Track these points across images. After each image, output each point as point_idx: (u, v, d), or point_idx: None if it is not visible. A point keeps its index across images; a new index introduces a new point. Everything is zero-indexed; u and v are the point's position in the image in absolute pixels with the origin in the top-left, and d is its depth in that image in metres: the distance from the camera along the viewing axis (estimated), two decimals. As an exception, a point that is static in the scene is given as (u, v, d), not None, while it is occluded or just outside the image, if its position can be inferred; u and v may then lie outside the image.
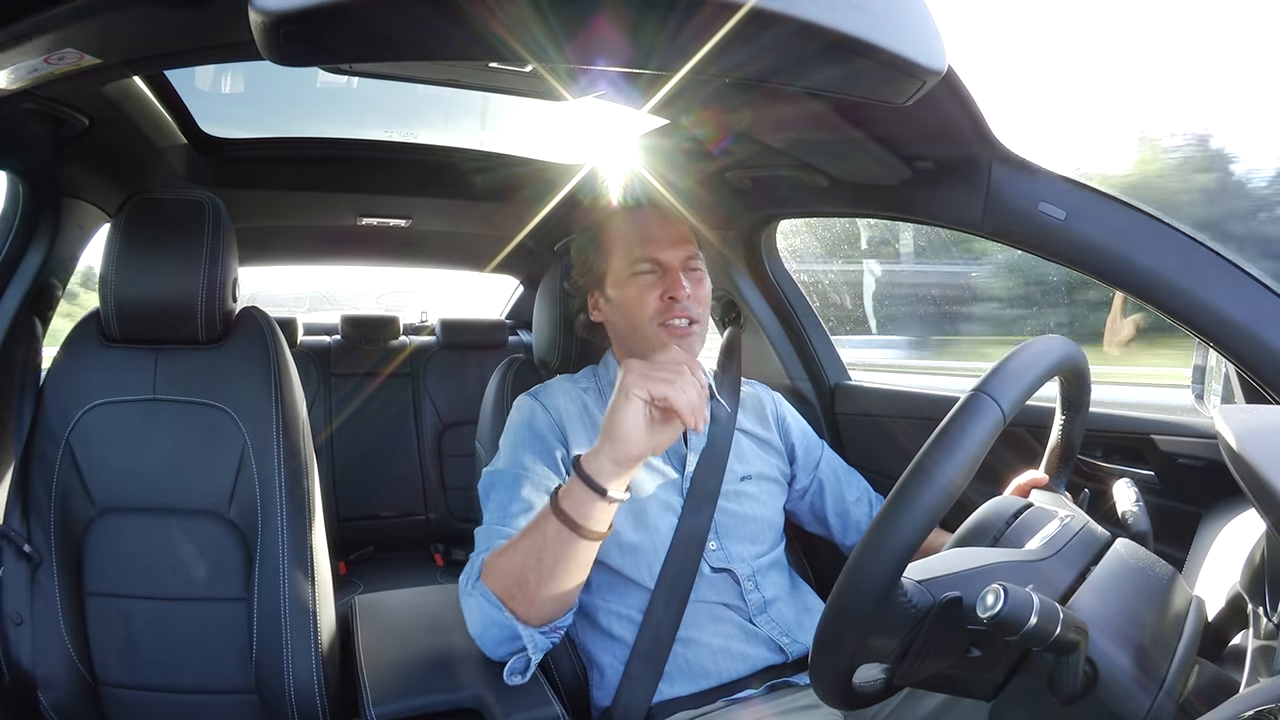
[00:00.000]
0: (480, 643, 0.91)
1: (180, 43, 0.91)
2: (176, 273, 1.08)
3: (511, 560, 0.86)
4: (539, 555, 0.83)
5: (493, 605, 0.86)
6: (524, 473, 0.98)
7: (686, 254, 1.06)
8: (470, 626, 0.91)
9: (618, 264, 1.07)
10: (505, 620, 0.86)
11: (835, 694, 0.61)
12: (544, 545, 0.82)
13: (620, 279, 1.06)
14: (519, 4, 0.53)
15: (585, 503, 0.81)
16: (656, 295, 1.03)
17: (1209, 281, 0.83)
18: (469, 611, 0.90)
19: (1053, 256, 0.93)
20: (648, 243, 1.05)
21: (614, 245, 1.08)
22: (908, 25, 0.61)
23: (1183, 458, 0.98)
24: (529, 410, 1.05)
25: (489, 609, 0.87)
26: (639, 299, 1.04)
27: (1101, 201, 0.88)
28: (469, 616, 0.90)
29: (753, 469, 1.12)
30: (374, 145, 1.70)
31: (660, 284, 1.03)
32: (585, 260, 1.11)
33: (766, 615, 1.03)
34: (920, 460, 0.57)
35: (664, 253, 1.05)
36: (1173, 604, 0.63)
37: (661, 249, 1.05)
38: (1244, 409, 0.81)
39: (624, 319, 1.06)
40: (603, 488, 0.80)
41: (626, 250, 1.06)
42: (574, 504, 0.81)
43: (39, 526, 1.05)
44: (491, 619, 0.87)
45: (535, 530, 0.84)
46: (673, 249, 1.05)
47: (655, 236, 1.06)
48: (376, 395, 2.45)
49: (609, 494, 0.80)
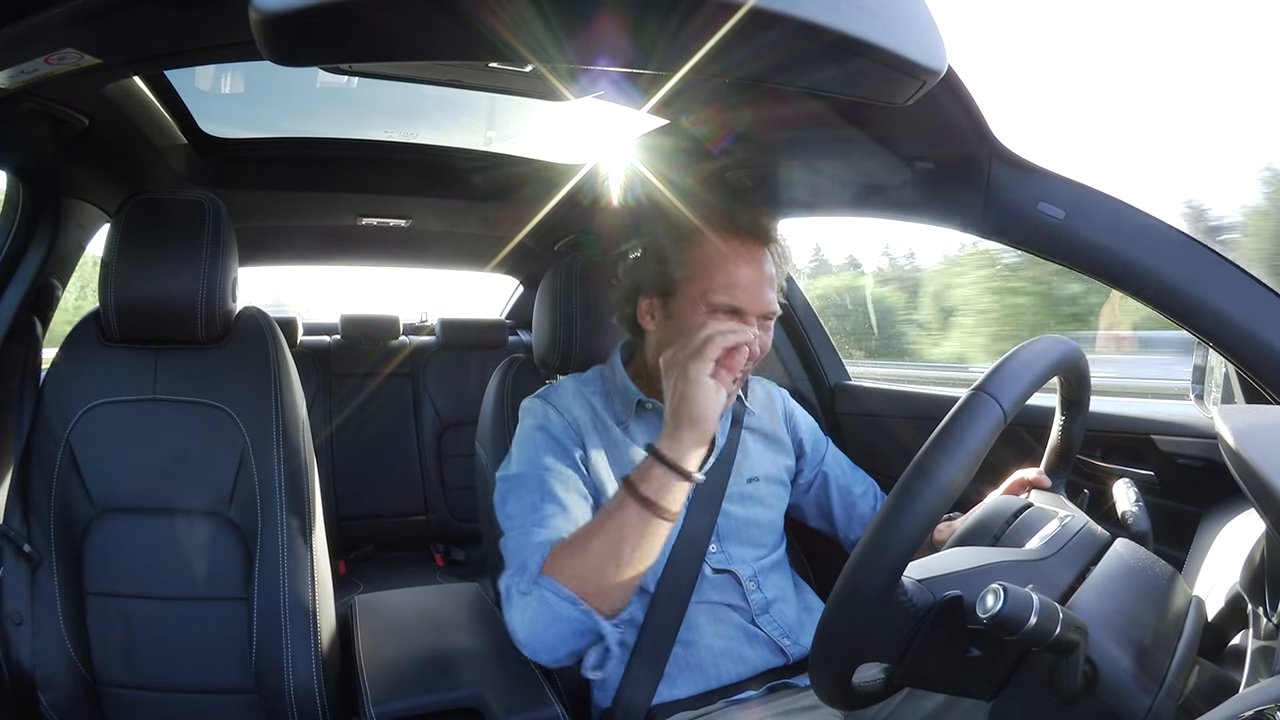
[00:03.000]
0: (535, 645, 0.86)
1: (180, 43, 0.91)
2: (176, 272, 1.08)
3: (587, 553, 0.85)
4: (619, 544, 0.84)
5: (565, 601, 0.84)
6: (547, 473, 0.96)
7: (770, 309, 0.97)
8: (520, 629, 0.86)
9: (695, 289, 0.96)
10: (578, 616, 0.84)
11: (835, 694, 0.61)
12: (624, 533, 0.84)
13: (691, 304, 0.96)
14: (519, 4, 0.53)
15: (668, 486, 0.85)
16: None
17: (1209, 281, 0.83)
18: (525, 613, 0.86)
19: (1052, 256, 0.93)
20: (736, 284, 0.94)
21: (699, 266, 0.96)
22: (908, 25, 0.61)
23: (1182, 458, 0.98)
24: (543, 413, 1.03)
25: (559, 606, 0.84)
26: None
27: (1101, 201, 0.88)
28: (524, 618, 0.86)
29: (760, 470, 1.11)
30: (374, 145, 1.70)
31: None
32: (659, 260, 1.00)
33: (768, 616, 1.03)
34: (921, 459, 0.57)
35: (751, 304, 0.95)
36: (1173, 604, 0.63)
37: (748, 298, 0.95)
38: (1244, 409, 0.81)
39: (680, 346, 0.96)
40: (688, 471, 0.85)
41: (709, 279, 0.95)
42: (656, 489, 0.84)
43: (39, 526, 1.05)
44: (561, 616, 0.84)
45: (610, 520, 0.86)
46: (760, 301, 0.95)
47: (748, 284, 0.95)
48: (376, 395, 2.45)
49: (693, 475, 0.85)
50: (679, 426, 0.85)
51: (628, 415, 1.05)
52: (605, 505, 0.88)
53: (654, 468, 0.85)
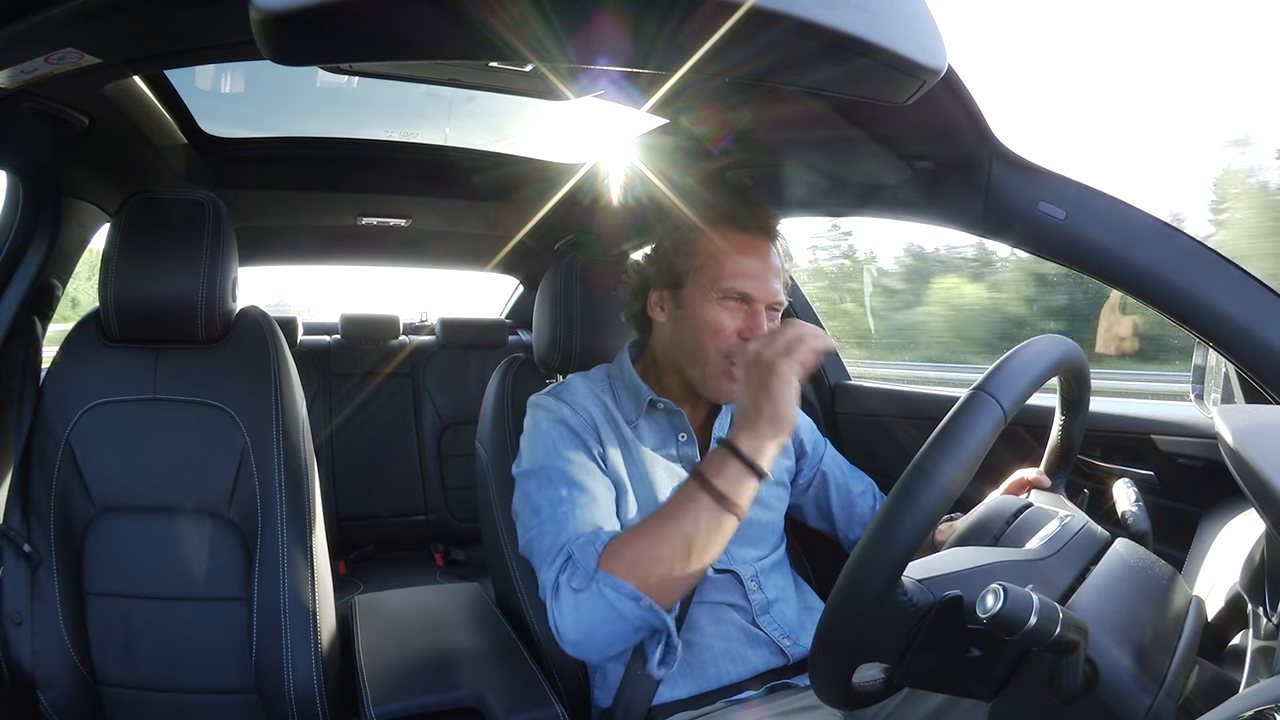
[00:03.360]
0: (586, 644, 0.86)
1: (180, 43, 0.91)
2: (176, 272, 1.08)
3: (653, 547, 0.84)
4: (688, 538, 0.84)
5: (627, 598, 0.83)
6: (570, 465, 0.96)
7: (777, 298, 1.00)
8: (576, 629, 0.85)
9: (704, 279, 0.99)
10: (640, 612, 0.83)
11: (835, 694, 0.61)
12: (695, 527, 0.84)
13: (701, 295, 0.99)
14: (519, 3, 0.53)
15: (742, 483, 0.84)
16: (734, 330, 0.98)
17: (1209, 281, 0.83)
18: (579, 610, 0.85)
19: (1052, 256, 0.93)
20: (745, 274, 0.98)
21: (707, 256, 0.99)
22: (908, 24, 0.61)
23: (1182, 458, 0.98)
24: (557, 409, 1.02)
25: (620, 602, 0.83)
26: (714, 325, 0.98)
27: (1101, 201, 0.88)
28: (577, 615, 0.85)
29: None
30: (374, 145, 1.70)
31: (742, 319, 0.98)
32: (667, 254, 1.03)
33: (769, 616, 1.03)
34: (921, 459, 0.57)
35: (759, 291, 0.98)
36: (1173, 604, 0.63)
37: (758, 287, 0.98)
38: (1244, 409, 0.81)
39: (689, 336, 1.00)
40: (763, 469, 0.85)
41: (718, 269, 0.98)
42: (730, 484, 0.84)
43: (39, 526, 1.05)
44: (619, 612, 0.83)
45: (679, 513, 0.85)
46: (768, 289, 0.98)
47: (755, 270, 0.98)
48: (376, 395, 2.45)
49: (767, 474, 0.86)
50: (760, 422, 0.84)
51: (637, 414, 1.05)
52: (671, 499, 0.88)
53: (730, 462, 0.84)
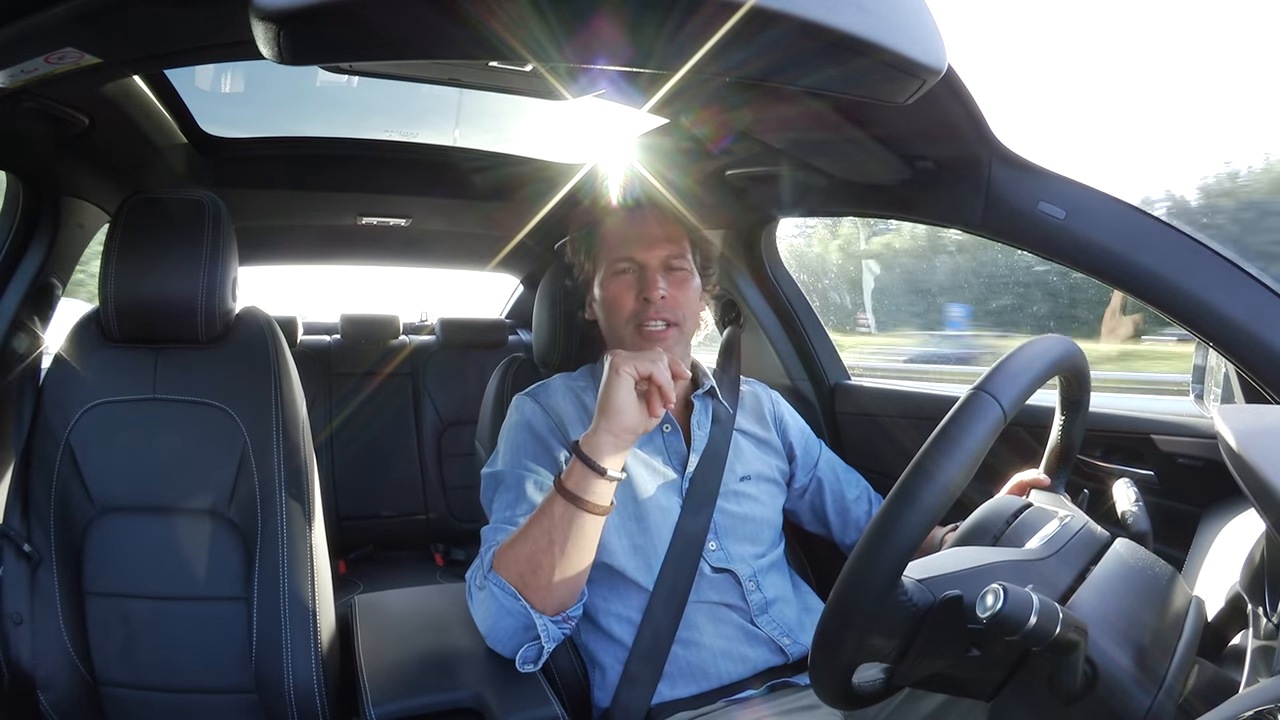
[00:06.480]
0: (491, 638, 0.92)
1: (180, 43, 0.91)
2: (176, 272, 1.08)
3: (523, 546, 0.88)
4: (549, 536, 0.86)
5: (508, 595, 0.87)
6: (526, 473, 0.99)
7: (667, 253, 1.05)
8: (480, 623, 0.92)
9: (602, 264, 1.07)
10: (520, 609, 0.87)
11: (835, 694, 0.61)
12: (553, 526, 0.87)
13: (606, 277, 1.07)
14: (519, 3, 0.53)
15: (588, 480, 0.86)
16: (633, 296, 1.03)
17: (1209, 281, 0.83)
18: (480, 606, 0.91)
19: (1052, 256, 0.93)
20: (627, 242, 1.05)
21: (601, 245, 1.08)
22: (908, 24, 0.61)
23: (1182, 458, 0.98)
24: (528, 411, 1.06)
25: (503, 599, 0.88)
26: (616, 299, 1.04)
27: (1101, 201, 0.88)
28: (479, 612, 0.92)
29: (752, 469, 1.12)
30: (374, 145, 1.70)
31: (637, 284, 1.04)
32: (580, 260, 1.12)
33: (768, 615, 1.03)
34: (920, 459, 0.57)
35: (641, 252, 1.04)
36: (1173, 604, 0.63)
37: (639, 248, 1.04)
38: (1244, 409, 0.81)
39: (607, 319, 1.07)
40: (602, 467, 0.86)
41: (609, 250, 1.07)
42: (576, 483, 0.86)
43: (39, 526, 1.05)
44: (505, 609, 0.88)
45: (543, 514, 0.88)
46: (651, 249, 1.04)
47: (635, 236, 1.05)
48: (376, 395, 2.45)
49: (608, 473, 0.86)
50: (599, 420, 0.88)
51: None
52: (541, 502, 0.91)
53: (575, 462, 0.87)
